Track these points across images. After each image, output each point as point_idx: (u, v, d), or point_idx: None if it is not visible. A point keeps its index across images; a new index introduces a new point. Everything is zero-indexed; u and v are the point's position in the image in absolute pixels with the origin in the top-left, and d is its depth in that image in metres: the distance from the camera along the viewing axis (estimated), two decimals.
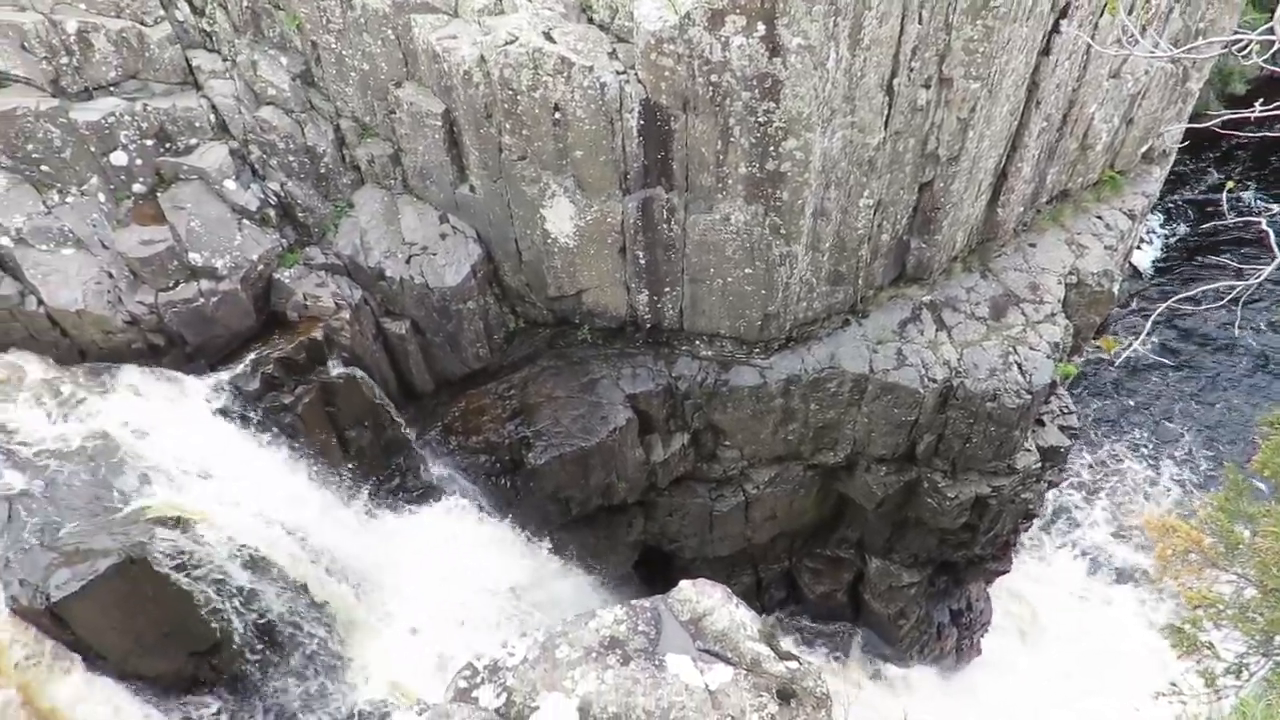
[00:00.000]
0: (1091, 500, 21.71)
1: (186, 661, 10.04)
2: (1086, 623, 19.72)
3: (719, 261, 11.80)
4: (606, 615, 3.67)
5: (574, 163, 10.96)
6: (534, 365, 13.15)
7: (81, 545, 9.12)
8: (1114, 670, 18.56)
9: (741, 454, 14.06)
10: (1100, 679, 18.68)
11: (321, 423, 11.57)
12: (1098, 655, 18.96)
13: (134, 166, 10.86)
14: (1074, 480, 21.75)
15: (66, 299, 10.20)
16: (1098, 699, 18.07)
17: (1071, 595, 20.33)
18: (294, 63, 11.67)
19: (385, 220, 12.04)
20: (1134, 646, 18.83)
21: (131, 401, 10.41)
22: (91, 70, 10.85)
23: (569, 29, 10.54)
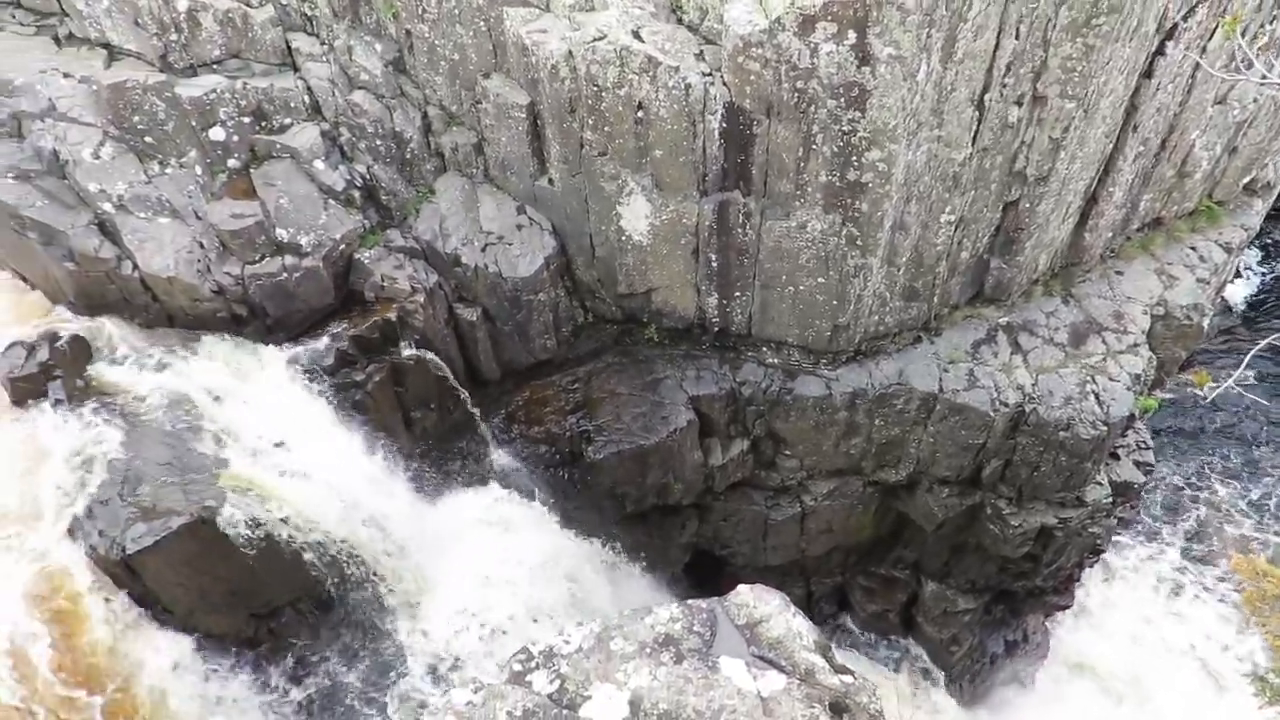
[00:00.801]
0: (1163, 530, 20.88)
1: (247, 622, 10.38)
2: (1150, 660, 18.97)
3: (792, 269, 11.71)
4: (663, 613, 3.68)
5: (653, 162, 10.99)
6: (599, 360, 13.23)
7: (157, 502, 9.49)
8: (1177, 715, 17.84)
9: (801, 464, 13.92)
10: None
11: (389, 402, 11.83)
12: (1160, 696, 18.23)
13: (230, 142, 11.27)
14: (1147, 510, 20.94)
15: (159, 265, 10.63)
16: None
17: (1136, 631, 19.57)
18: (388, 49, 11.95)
19: (464, 208, 12.25)
20: (1201, 689, 18.06)
21: (213, 368, 10.80)
22: (198, 48, 11.29)
23: (658, 28, 10.57)
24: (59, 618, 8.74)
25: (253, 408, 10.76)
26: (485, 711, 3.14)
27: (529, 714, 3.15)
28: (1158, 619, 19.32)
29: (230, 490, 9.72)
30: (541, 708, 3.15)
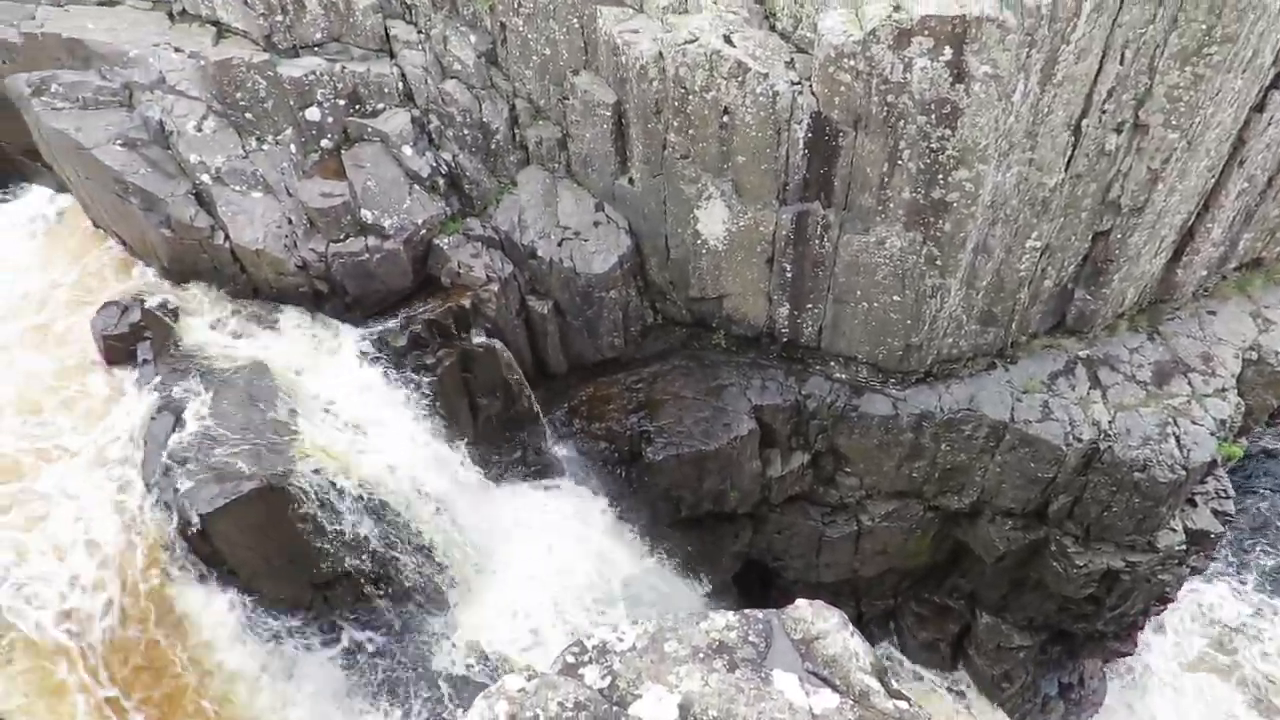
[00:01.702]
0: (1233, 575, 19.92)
1: (306, 590, 10.66)
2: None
3: (867, 285, 11.54)
4: (718, 619, 3.67)
5: (735, 167, 10.95)
6: (665, 362, 13.24)
7: (230, 466, 9.81)
8: None
9: (861, 483, 13.71)
10: None
11: (457, 387, 12.04)
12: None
13: (325, 123, 11.60)
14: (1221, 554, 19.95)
15: (249, 238, 11.00)
16: None
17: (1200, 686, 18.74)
18: (482, 41, 12.14)
19: (544, 201, 12.38)
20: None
21: (291, 340, 11.14)
22: (301, 30, 11.66)
23: (749, 34, 10.53)
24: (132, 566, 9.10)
25: (326, 381, 11.07)
26: (537, 699, 3.17)
27: (579, 706, 3.17)
28: (1225, 674, 18.46)
29: (300, 459, 9.99)
30: (592, 701, 3.17)
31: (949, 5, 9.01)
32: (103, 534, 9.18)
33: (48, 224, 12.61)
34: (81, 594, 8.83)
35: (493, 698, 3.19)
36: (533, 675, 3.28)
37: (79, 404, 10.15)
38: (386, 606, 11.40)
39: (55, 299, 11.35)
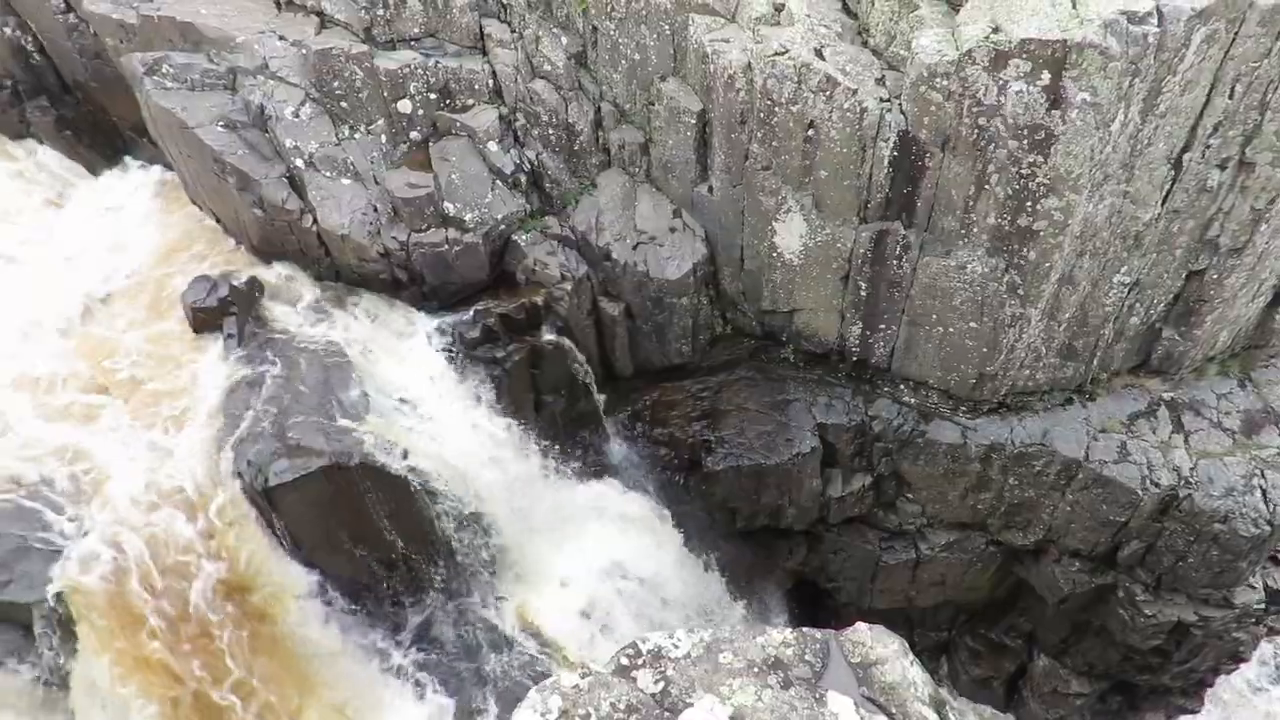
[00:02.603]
0: None
1: (365, 569, 10.91)
2: None
3: (944, 309, 11.32)
4: (775, 634, 3.64)
5: (816, 182, 10.86)
6: (731, 373, 13.19)
7: (302, 442, 10.10)
8: None
9: (923, 511, 13.44)
10: None
11: (524, 383, 12.19)
12: None
13: (416, 116, 11.88)
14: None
15: (336, 222, 11.32)
16: None
17: None
18: (573, 43, 12.28)
19: (622, 205, 12.46)
20: None
21: (369, 325, 11.44)
22: (400, 24, 11.97)
23: (841, 49, 10.44)
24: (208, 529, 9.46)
25: (398, 367, 11.32)
26: (590, 698, 3.19)
27: (631, 709, 3.18)
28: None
29: (368, 440, 10.23)
30: (644, 705, 3.17)
31: (1050, 29, 8.80)
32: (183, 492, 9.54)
33: (149, 198, 13.18)
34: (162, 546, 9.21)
35: (546, 691, 3.22)
36: (587, 673, 3.31)
37: (169, 370, 10.58)
38: (439, 590, 11.59)
39: (153, 269, 11.87)
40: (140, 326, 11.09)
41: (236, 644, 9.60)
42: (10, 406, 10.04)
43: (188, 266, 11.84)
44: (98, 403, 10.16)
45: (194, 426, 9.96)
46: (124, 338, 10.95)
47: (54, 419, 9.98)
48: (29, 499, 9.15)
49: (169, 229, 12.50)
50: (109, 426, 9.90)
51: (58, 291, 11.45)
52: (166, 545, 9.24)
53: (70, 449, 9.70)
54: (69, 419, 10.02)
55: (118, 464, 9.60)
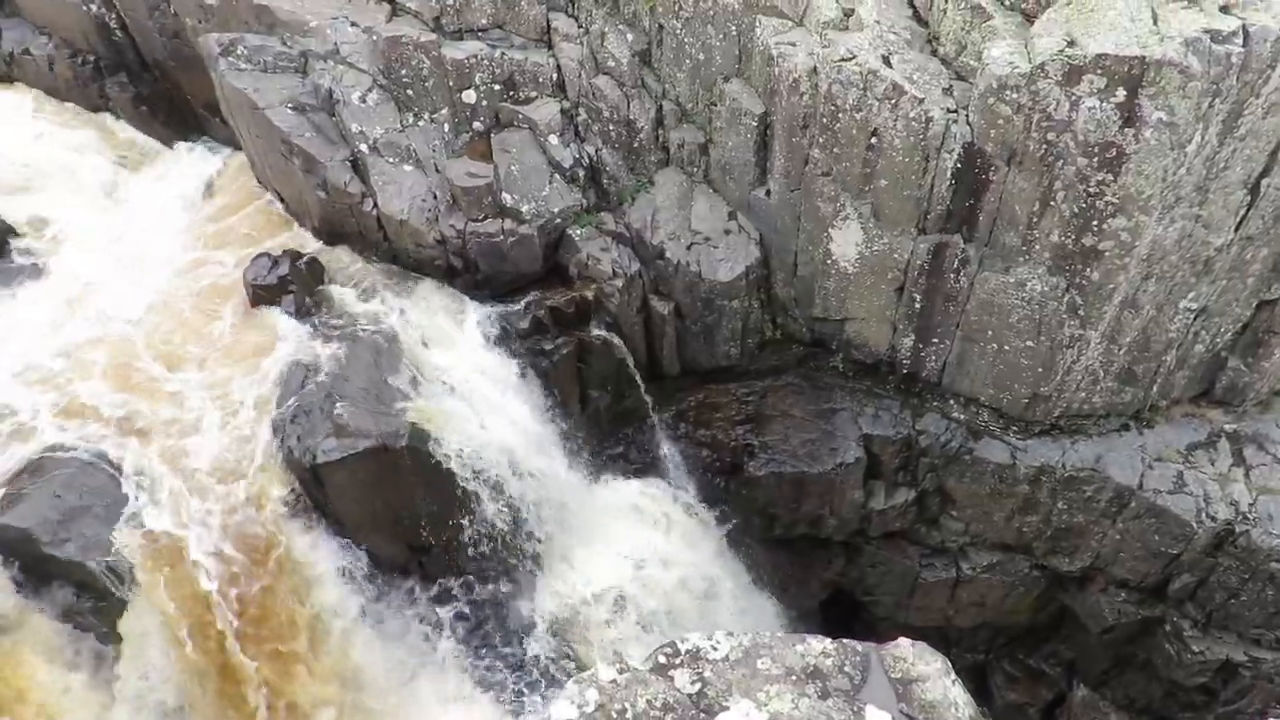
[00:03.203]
0: None
1: (403, 551, 11.06)
2: None
3: (1000, 326, 11.11)
4: (815, 644, 3.60)
5: (876, 190, 10.73)
6: (778, 378, 13.10)
7: (350, 422, 10.27)
8: None
9: (966, 529, 13.21)
10: None
11: (570, 377, 12.25)
12: None
13: (479, 106, 12.00)
14: None
15: (396, 208, 11.49)
16: None
17: None
18: (638, 40, 12.29)
19: (678, 204, 12.44)
20: None
21: (421, 310, 11.59)
22: (469, 14, 12.10)
23: (909, 57, 10.30)
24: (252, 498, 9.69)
25: (447, 353, 11.45)
26: (627, 694, 3.19)
27: (668, 708, 3.17)
28: None
29: (415, 424, 10.38)
30: (680, 705, 3.17)
31: (1128, 45, 8.59)
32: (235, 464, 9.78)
33: (218, 174, 13.53)
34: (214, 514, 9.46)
35: (584, 684, 3.24)
36: (624, 669, 3.32)
37: (228, 343, 10.86)
38: (475, 576, 11.70)
39: (217, 244, 12.18)
40: (203, 301, 11.38)
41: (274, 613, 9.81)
42: (83, 366, 10.39)
43: (249, 243, 12.13)
44: (162, 372, 10.45)
45: (249, 400, 10.19)
46: (187, 311, 11.26)
47: (123, 383, 10.29)
48: (93, 460, 9.44)
49: (233, 205, 12.81)
50: (171, 393, 10.17)
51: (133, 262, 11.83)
52: (219, 514, 9.46)
53: (134, 412, 9.99)
54: (136, 384, 10.32)
55: (177, 431, 9.87)
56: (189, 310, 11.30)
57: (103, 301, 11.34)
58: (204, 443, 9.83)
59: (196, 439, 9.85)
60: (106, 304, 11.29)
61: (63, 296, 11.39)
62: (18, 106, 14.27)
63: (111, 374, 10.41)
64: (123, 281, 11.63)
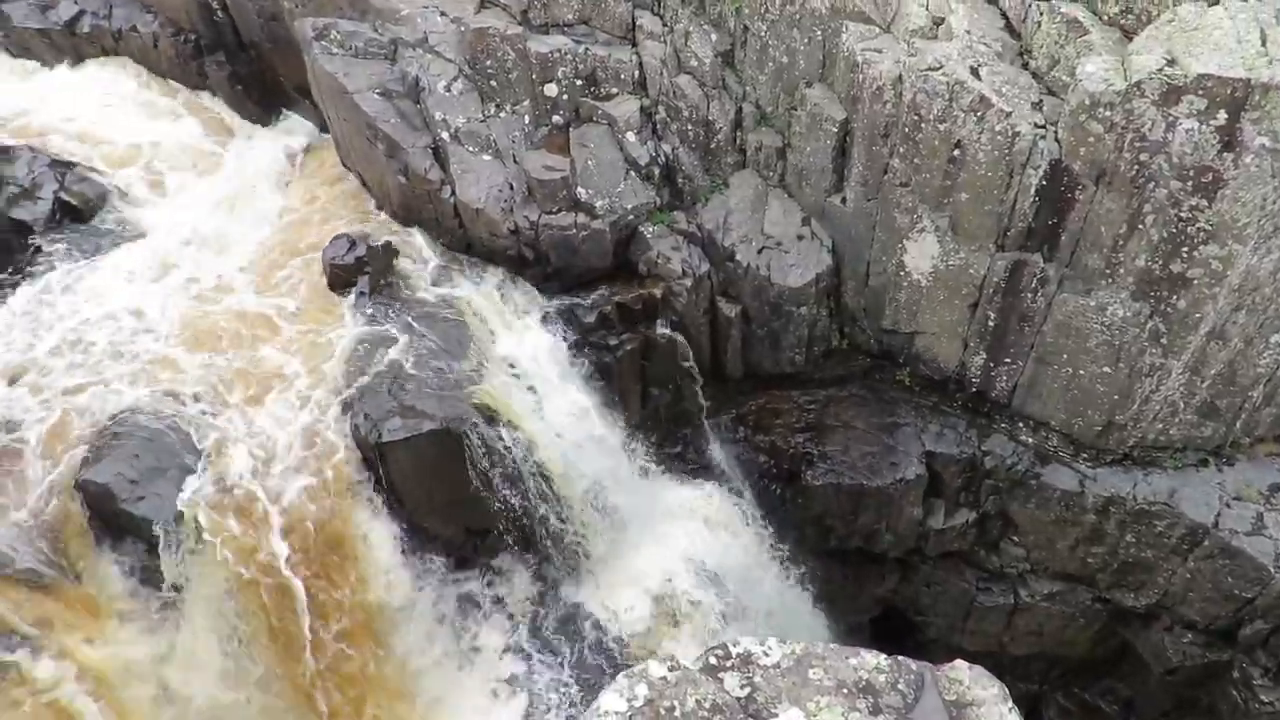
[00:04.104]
0: None
1: (459, 533, 11.24)
2: None
3: (1076, 350, 10.80)
4: (869, 658, 3.56)
5: (956, 204, 10.52)
6: (842, 388, 12.95)
7: (416, 404, 10.47)
8: None
9: (1027, 556, 12.87)
10: None
11: (632, 374, 12.29)
12: None
13: (560, 100, 12.11)
14: None
15: (472, 196, 11.68)
16: None
17: None
18: (721, 41, 12.27)
19: (752, 207, 12.38)
20: None
21: (491, 298, 11.75)
22: (556, 9, 12.23)
23: (999, 69, 10.08)
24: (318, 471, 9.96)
25: (513, 342, 11.59)
26: (677, 691, 3.20)
27: (716, 709, 3.17)
28: None
29: (477, 410, 10.53)
30: (729, 708, 3.16)
31: (1233, 66, 8.27)
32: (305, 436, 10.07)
33: (305, 154, 13.95)
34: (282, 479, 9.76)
35: (635, 679, 3.25)
36: (675, 667, 3.32)
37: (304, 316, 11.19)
38: (524, 564, 11.83)
39: (299, 223, 12.55)
40: (282, 276, 11.73)
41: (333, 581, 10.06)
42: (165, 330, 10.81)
43: (331, 223, 12.47)
44: (239, 341, 10.81)
45: (321, 375, 10.48)
46: (266, 285, 11.63)
47: (201, 350, 10.67)
48: (170, 424, 9.82)
49: (318, 185, 13.18)
50: (247, 363, 10.52)
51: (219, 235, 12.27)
52: (286, 483, 9.75)
53: (211, 379, 10.36)
54: (214, 351, 10.69)
55: (251, 399, 10.21)
56: (268, 284, 11.67)
57: (187, 270, 11.78)
58: (276, 413, 10.14)
59: (268, 409, 10.16)
60: (190, 272, 11.74)
61: (149, 263, 11.84)
62: (123, 80, 14.93)
63: (191, 340, 10.80)
64: (207, 252, 12.06)
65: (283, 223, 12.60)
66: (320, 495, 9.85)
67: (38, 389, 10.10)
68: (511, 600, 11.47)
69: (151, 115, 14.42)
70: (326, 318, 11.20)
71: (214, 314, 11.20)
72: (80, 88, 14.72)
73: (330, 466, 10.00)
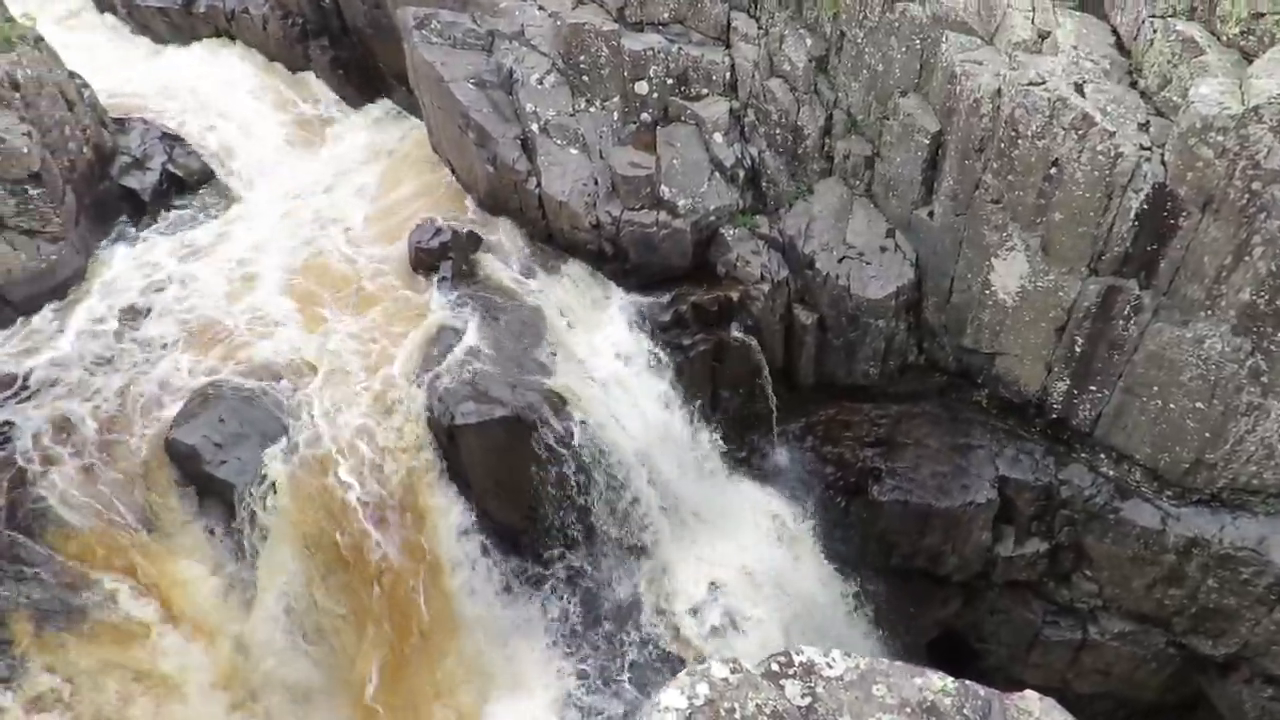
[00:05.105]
0: None
1: (521, 519, 11.37)
2: None
3: (1168, 382, 10.37)
4: (935, 679, 3.49)
5: (1049, 224, 10.22)
6: (915, 405, 12.69)
7: (489, 390, 10.64)
8: None
9: (1100, 592, 12.40)
10: None
11: (704, 375, 12.27)
12: None
13: (650, 98, 12.17)
14: None
15: (558, 189, 11.81)
16: None
17: None
18: (816, 46, 12.14)
19: (835, 215, 12.23)
20: None
21: (569, 290, 11.88)
22: (651, 8, 12.29)
23: (1105, 87, 9.75)
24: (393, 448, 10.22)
25: (588, 335, 11.69)
26: (738, 694, 3.19)
27: (776, 716, 3.14)
28: None
29: (548, 400, 10.65)
30: (789, 715, 3.14)
31: None
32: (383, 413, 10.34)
33: (398, 140, 14.31)
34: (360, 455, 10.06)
35: (696, 677, 3.25)
36: (737, 669, 3.31)
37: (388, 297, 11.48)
38: (585, 555, 11.91)
39: (389, 206, 12.89)
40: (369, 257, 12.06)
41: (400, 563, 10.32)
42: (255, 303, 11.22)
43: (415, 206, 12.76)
44: (327, 317, 11.17)
45: (402, 356, 10.74)
46: (354, 265, 11.97)
47: (290, 322, 11.05)
48: (256, 392, 10.19)
49: (408, 170, 13.51)
50: (333, 339, 10.85)
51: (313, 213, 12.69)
52: (362, 458, 10.03)
53: (297, 351, 10.72)
54: (302, 325, 11.05)
55: (335, 374, 10.52)
56: (354, 264, 11.99)
57: (281, 245, 12.18)
58: (356, 387, 10.42)
59: (349, 383, 10.45)
60: (280, 248, 12.13)
61: (244, 236, 12.31)
62: (232, 60, 15.58)
63: (279, 312, 11.18)
64: (301, 229, 12.45)
65: (373, 205, 12.94)
66: (393, 470, 10.11)
67: (139, 346, 10.62)
68: (566, 589, 11.56)
69: (256, 94, 14.99)
70: (409, 300, 11.47)
71: (301, 289, 11.57)
72: (192, 65, 15.42)
73: (404, 444, 10.25)
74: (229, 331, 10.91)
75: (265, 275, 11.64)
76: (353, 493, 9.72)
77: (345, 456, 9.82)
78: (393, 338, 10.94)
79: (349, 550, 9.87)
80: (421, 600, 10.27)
